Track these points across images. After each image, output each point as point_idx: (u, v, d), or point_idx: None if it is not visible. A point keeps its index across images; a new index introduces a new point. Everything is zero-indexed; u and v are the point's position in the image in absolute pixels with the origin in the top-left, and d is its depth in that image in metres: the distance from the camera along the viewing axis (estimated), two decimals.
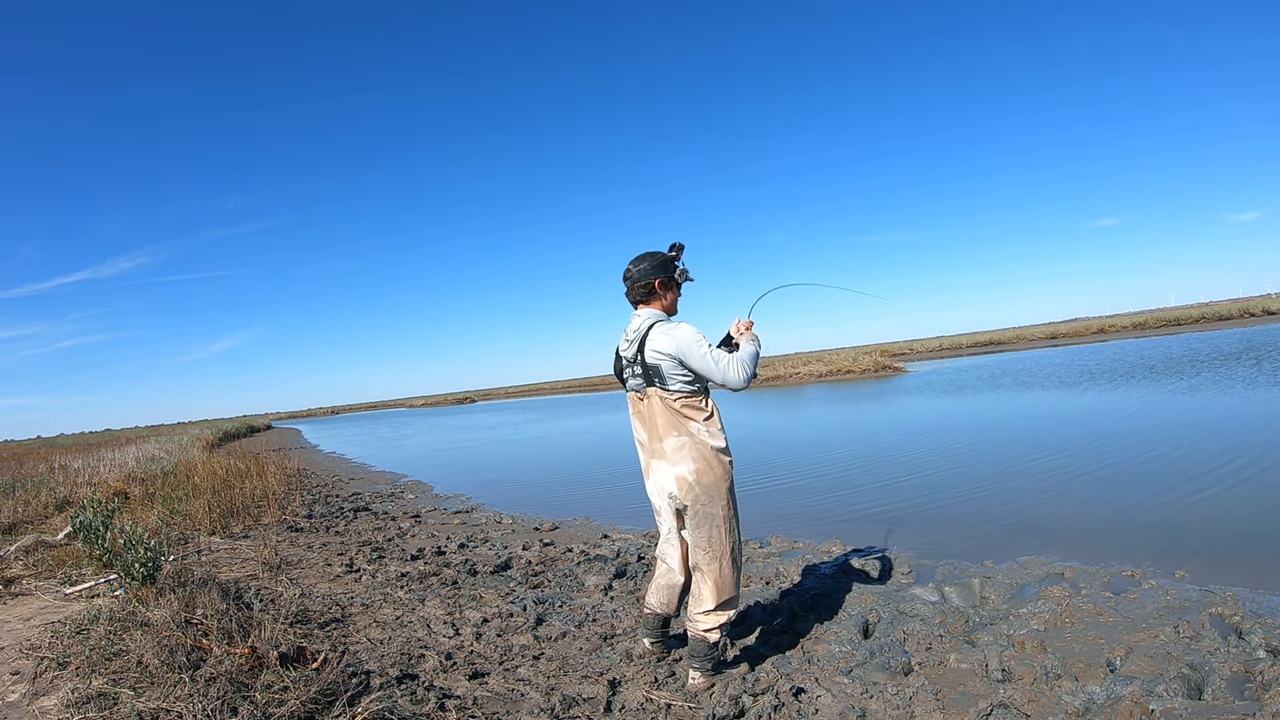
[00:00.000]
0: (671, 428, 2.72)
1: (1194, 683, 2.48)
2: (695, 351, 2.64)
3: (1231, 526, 4.35)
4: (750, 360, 2.73)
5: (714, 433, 2.74)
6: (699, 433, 2.71)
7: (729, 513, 2.75)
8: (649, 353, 2.69)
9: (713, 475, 2.71)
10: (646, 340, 2.71)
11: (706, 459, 2.71)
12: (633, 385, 2.82)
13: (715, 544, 2.72)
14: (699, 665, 2.79)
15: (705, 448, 2.71)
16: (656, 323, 2.74)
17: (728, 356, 2.67)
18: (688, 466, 2.70)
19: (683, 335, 2.66)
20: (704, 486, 2.70)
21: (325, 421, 71.74)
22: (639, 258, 2.83)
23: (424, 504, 8.73)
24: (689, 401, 2.72)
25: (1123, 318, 64.39)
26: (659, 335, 2.68)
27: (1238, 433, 7.31)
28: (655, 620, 3.03)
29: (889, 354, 37.20)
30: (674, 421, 2.72)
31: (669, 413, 2.72)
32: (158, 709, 2.26)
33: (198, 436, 24.18)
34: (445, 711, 2.55)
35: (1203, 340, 25.23)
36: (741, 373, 2.67)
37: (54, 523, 7.12)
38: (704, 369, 2.65)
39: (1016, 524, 4.98)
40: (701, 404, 2.74)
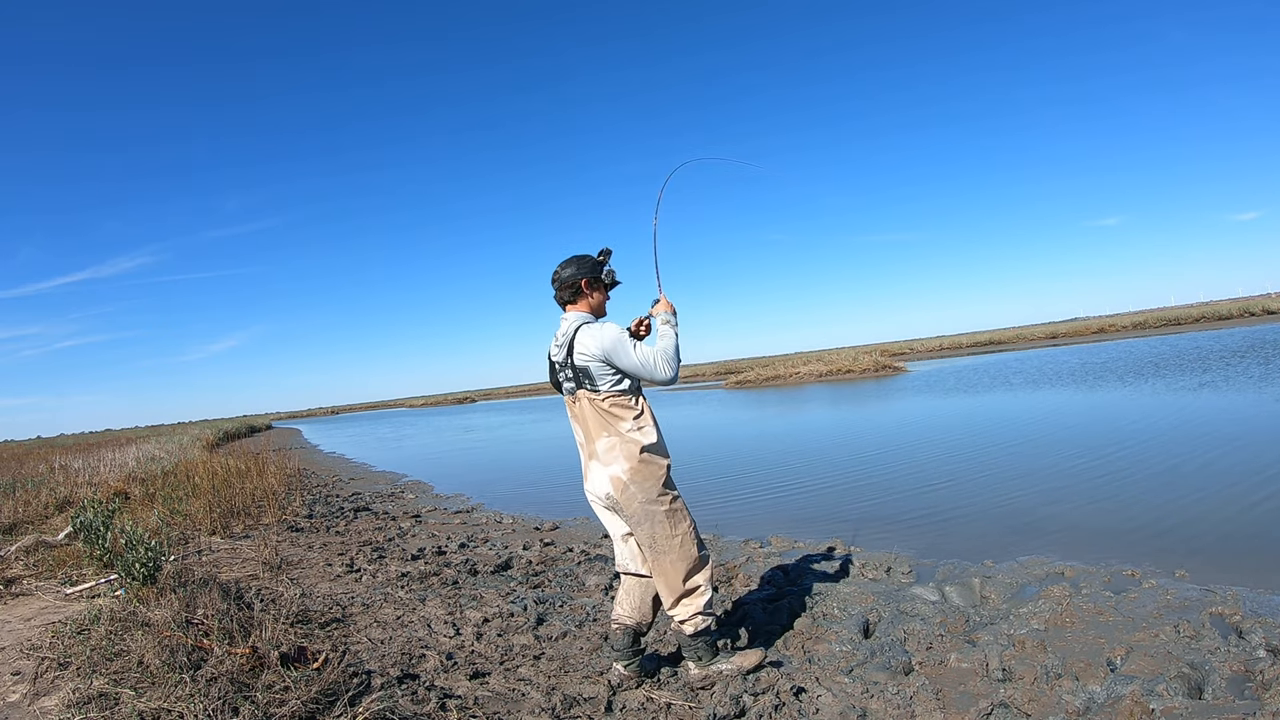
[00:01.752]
0: (602, 428, 2.73)
1: (1194, 682, 2.48)
2: (621, 351, 2.66)
3: (1232, 526, 4.35)
4: (673, 354, 2.75)
5: (645, 430, 2.73)
6: (628, 431, 2.71)
7: (669, 506, 2.74)
8: (577, 355, 2.70)
9: (646, 473, 2.71)
10: (574, 342, 2.71)
11: (638, 457, 2.70)
12: (566, 389, 2.83)
13: (659, 540, 2.72)
14: (689, 655, 2.83)
15: (635, 446, 2.70)
16: (583, 324, 2.74)
17: (651, 353, 2.69)
18: (620, 466, 2.70)
19: (609, 335, 2.67)
20: (638, 485, 2.70)
21: (325, 421, 71.73)
22: (567, 261, 2.85)
23: (424, 504, 8.73)
24: (617, 401, 2.72)
25: (1123, 317, 64.36)
26: (585, 336, 2.69)
27: (1238, 432, 7.31)
28: (625, 636, 2.86)
29: (889, 354, 37.19)
30: (603, 422, 2.72)
31: (598, 414, 2.72)
32: (159, 709, 2.26)
33: (198, 436, 24.19)
34: (446, 711, 2.55)
35: (1203, 340, 25.23)
36: (667, 370, 2.70)
37: (54, 523, 7.12)
38: (631, 368, 2.67)
39: (1017, 523, 4.98)
40: (631, 403, 2.74)
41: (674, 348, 2.77)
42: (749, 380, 32.93)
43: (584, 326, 2.73)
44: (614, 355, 2.65)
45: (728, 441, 12.24)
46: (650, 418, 2.78)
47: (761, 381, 32.39)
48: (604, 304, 2.91)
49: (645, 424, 2.75)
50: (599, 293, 2.87)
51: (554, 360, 2.86)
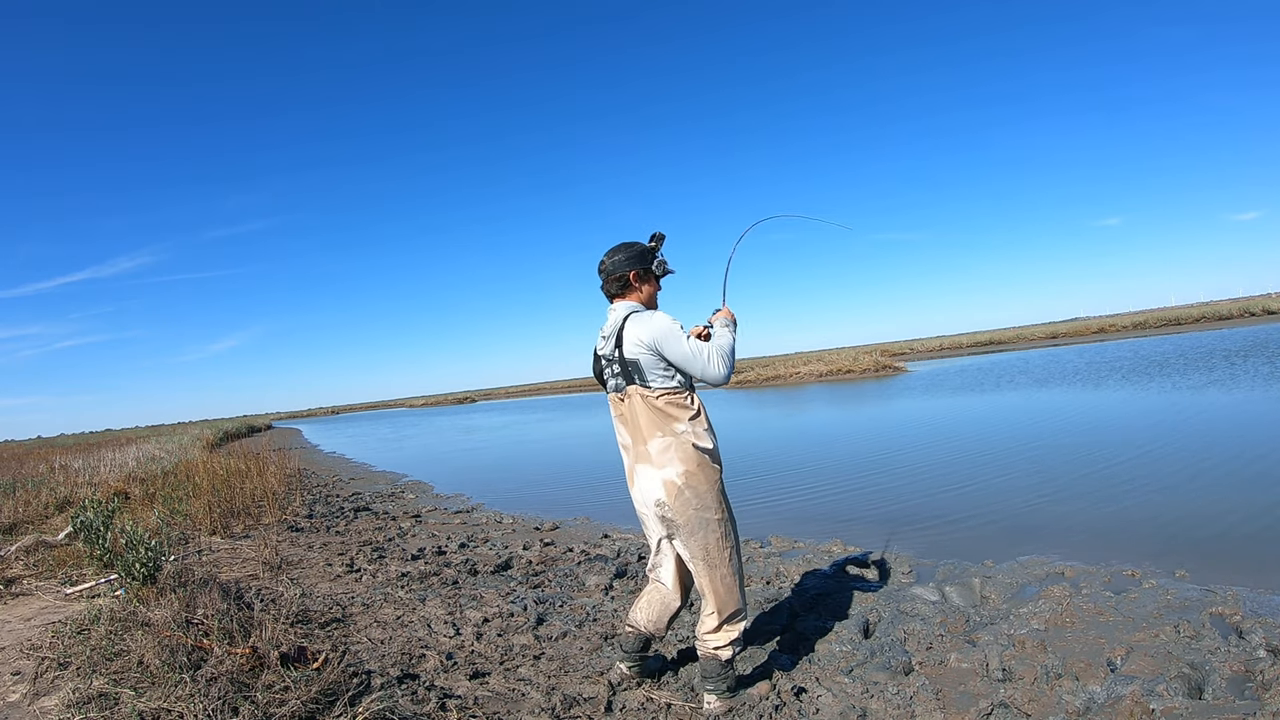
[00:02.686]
0: (655, 428, 2.51)
1: (1194, 682, 2.48)
2: (672, 339, 2.46)
3: (1233, 526, 4.35)
4: (729, 352, 2.55)
5: (700, 434, 2.53)
6: (685, 433, 2.51)
7: (723, 515, 2.55)
8: (627, 345, 2.50)
9: (703, 478, 2.50)
10: (623, 333, 2.51)
11: (696, 461, 2.50)
12: (613, 385, 2.63)
13: (712, 552, 2.51)
14: (714, 687, 2.57)
15: (692, 449, 2.50)
16: (632, 314, 2.54)
17: (707, 347, 2.50)
18: (675, 470, 2.49)
19: (659, 323, 2.48)
20: (694, 490, 2.50)
21: (325, 421, 71.73)
22: (614, 249, 2.64)
23: (424, 504, 8.73)
24: (673, 399, 2.51)
25: (1123, 317, 64.35)
26: (635, 325, 2.50)
27: (1239, 431, 7.31)
28: (636, 641, 2.79)
29: (889, 354, 37.20)
30: (657, 421, 2.51)
31: (652, 411, 2.51)
32: (159, 709, 2.26)
33: (198, 436, 24.19)
34: (446, 711, 2.55)
35: (1204, 340, 25.21)
36: (721, 366, 2.50)
37: (54, 523, 7.12)
38: (683, 359, 2.47)
39: (1017, 523, 4.98)
40: (687, 401, 2.54)
41: (730, 346, 2.58)
42: (749, 380, 32.93)
43: (633, 315, 2.53)
44: (664, 344, 2.46)
45: (728, 442, 12.21)
46: (707, 421, 2.59)
47: (761, 381, 32.38)
48: (655, 296, 2.70)
49: (701, 426, 2.55)
50: (649, 285, 2.66)
51: (601, 355, 2.66)
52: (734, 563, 2.56)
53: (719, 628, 2.55)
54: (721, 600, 2.53)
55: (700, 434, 2.53)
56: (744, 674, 2.86)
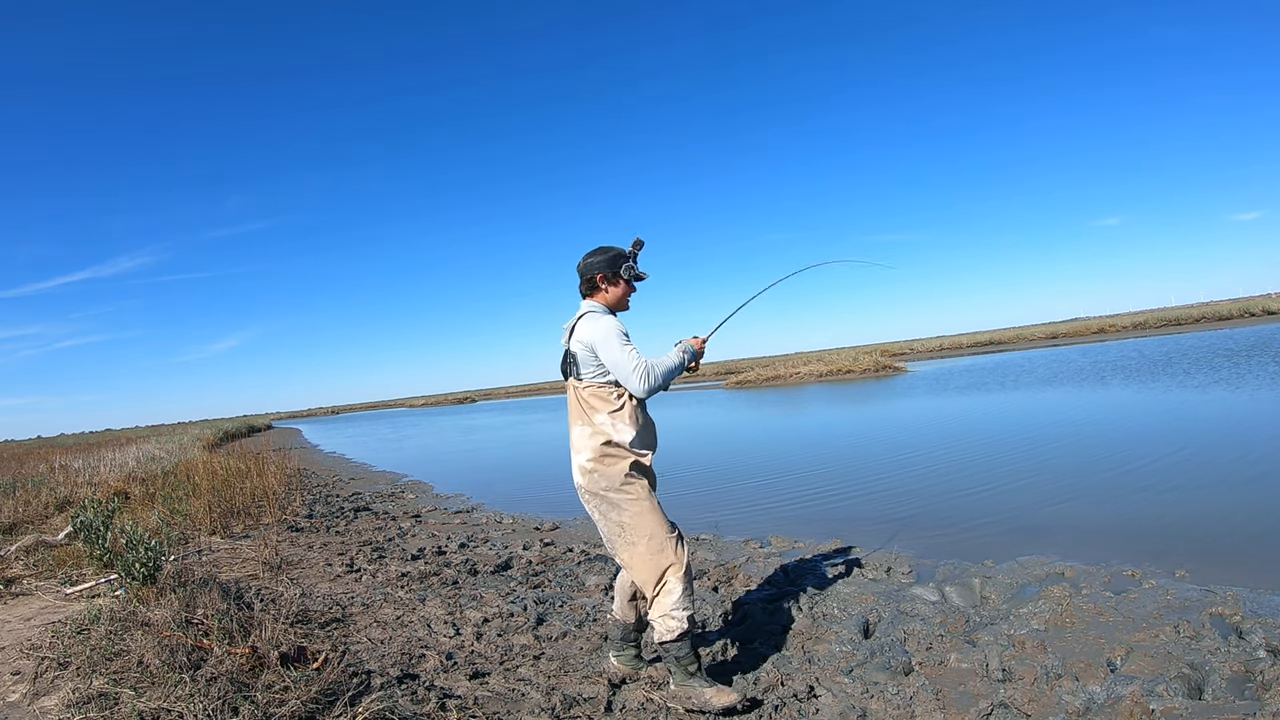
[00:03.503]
0: (578, 417, 2.67)
1: (1194, 682, 2.48)
2: (605, 343, 2.57)
3: (1233, 526, 4.35)
4: (661, 373, 2.61)
5: (619, 426, 2.62)
6: (602, 424, 2.62)
7: (637, 496, 2.60)
8: (573, 341, 2.67)
9: (612, 462, 2.61)
10: (575, 329, 2.68)
11: (604, 449, 2.61)
12: (563, 376, 2.80)
13: (628, 530, 2.61)
14: (666, 665, 2.69)
15: (601, 438, 2.62)
16: (588, 314, 2.69)
17: (640, 360, 2.55)
18: (586, 455, 2.63)
19: (602, 327, 2.60)
20: (602, 472, 2.61)
21: (326, 421, 71.74)
22: (592, 251, 2.77)
23: (424, 504, 8.73)
24: (597, 392, 2.64)
25: (1123, 318, 64.35)
26: (584, 325, 2.65)
27: (1240, 432, 7.31)
28: (617, 629, 2.91)
29: (889, 354, 37.19)
30: (581, 411, 2.66)
31: (579, 401, 2.66)
32: (159, 709, 2.26)
33: (198, 436, 24.19)
34: (446, 711, 2.55)
35: (1206, 340, 25.22)
36: (643, 382, 2.55)
37: (54, 523, 7.12)
38: (611, 364, 2.58)
39: (1017, 524, 4.98)
40: (609, 395, 2.63)
41: (667, 370, 2.63)
42: (749, 380, 32.93)
43: (588, 315, 2.68)
44: (599, 346, 2.58)
45: (728, 442, 12.24)
46: (630, 415, 2.65)
47: (762, 382, 32.39)
48: (625, 298, 2.80)
49: (621, 420, 2.63)
50: (616, 288, 2.76)
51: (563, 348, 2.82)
52: (653, 544, 2.57)
53: (650, 602, 2.63)
54: (642, 575, 2.60)
55: (619, 426, 2.62)
56: (743, 674, 2.86)
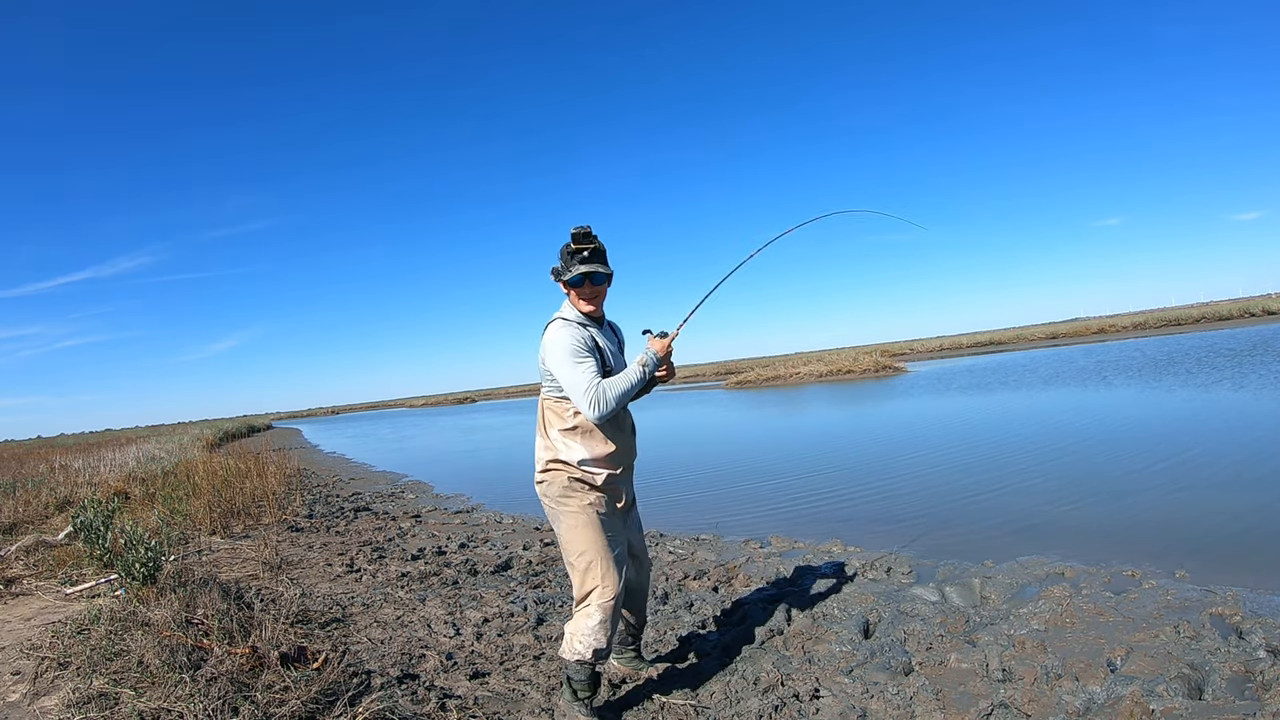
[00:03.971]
0: (539, 429, 2.60)
1: (1194, 683, 2.48)
2: (555, 359, 2.41)
3: (1232, 526, 4.35)
4: (615, 395, 2.38)
5: (569, 444, 2.50)
6: (554, 439, 2.53)
7: (574, 510, 2.50)
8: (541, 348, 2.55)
9: (557, 477, 2.52)
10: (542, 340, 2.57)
11: (551, 464, 2.53)
12: None
13: (563, 543, 2.55)
14: (562, 679, 2.64)
15: (550, 454, 2.53)
16: (554, 320, 2.53)
17: (591, 381, 2.35)
18: (538, 468, 2.58)
19: (555, 339, 2.43)
20: (546, 487, 2.56)
21: (326, 421, 71.73)
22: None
23: (424, 504, 8.73)
24: (553, 406, 2.54)
25: (1123, 318, 64.33)
26: (546, 333, 2.51)
27: (1240, 432, 7.31)
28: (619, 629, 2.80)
29: (889, 354, 37.18)
30: (540, 423, 2.59)
31: (540, 413, 2.59)
32: (159, 709, 2.26)
33: (198, 436, 24.18)
34: (446, 711, 2.55)
35: (1208, 340, 25.21)
36: (593, 407, 2.35)
37: (55, 523, 7.12)
38: (560, 381, 2.42)
39: (1017, 524, 4.98)
40: (564, 412, 2.50)
41: (620, 393, 2.39)
42: (749, 381, 32.92)
43: (553, 323, 2.52)
44: (549, 360, 2.44)
45: (728, 442, 12.23)
46: (584, 433, 2.49)
47: (762, 382, 32.38)
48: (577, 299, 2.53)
49: (574, 439, 2.50)
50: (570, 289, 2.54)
51: None
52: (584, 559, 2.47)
53: (571, 615, 2.57)
54: (575, 590, 2.55)
55: (570, 445, 2.50)
56: (744, 674, 2.86)
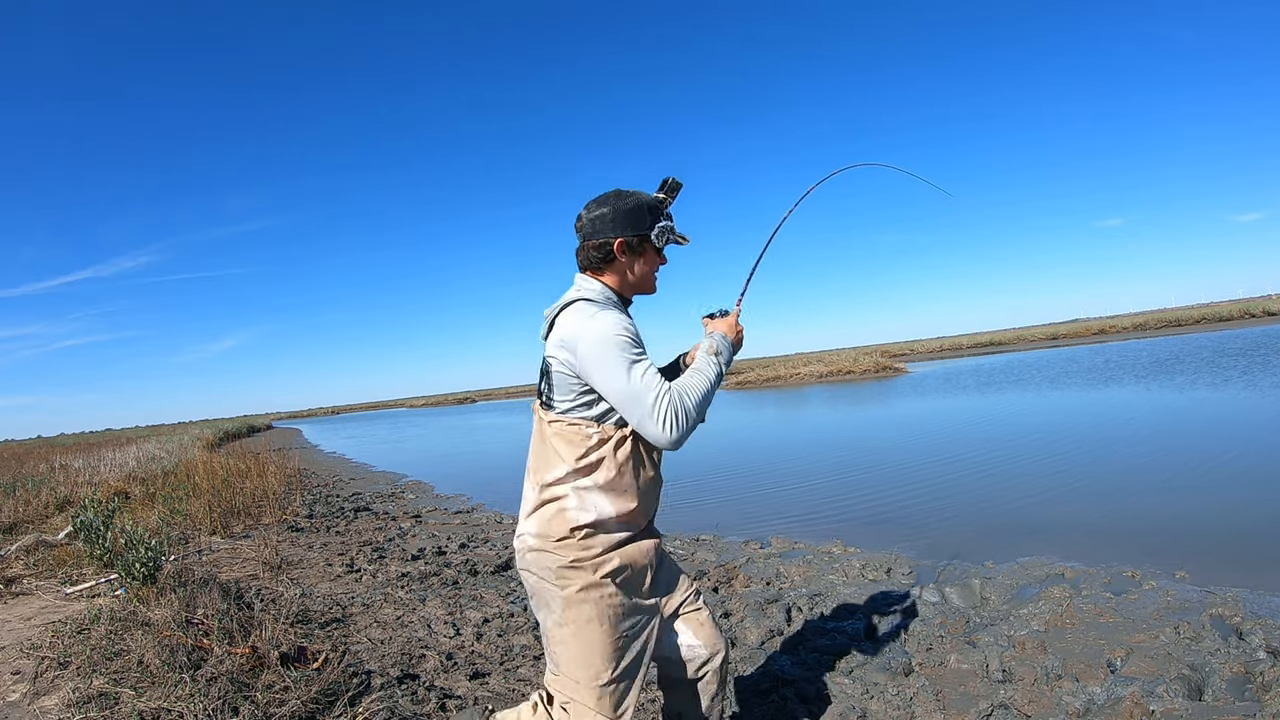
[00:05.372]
0: (535, 462, 1.75)
1: (1194, 683, 2.48)
2: (605, 362, 1.57)
3: (1233, 527, 4.35)
4: (696, 402, 1.61)
5: (584, 494, 1.65)
6: (563, 478, 1.67)
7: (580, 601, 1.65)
8: (551, 341, 1.71)
9: (551, 556, 1.67)
10: (555, 324, 1.72)
11: (559, 528, 1.66)
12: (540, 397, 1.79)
13: (555, 659, 1.70)
14: None
15: (559, 510, 1.67)
16: (580, 300, 1.70)
17: (662, 388, 1.56)
18: (530, 525, 1.73)
19: (598, 330, 1.58)
20: (539, 561, 1.69)
21: (326, 421, 71.73)
22: (599, 199, 1.73)
23: (425, 504, 8.73)
24: (568, 431, 1.67)
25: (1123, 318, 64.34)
26: (570, 319, 1.66)
27: (1240, 432, 7.30)
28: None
29: (889, 354, 37.19)
30: (540, 453, 1.73)
31: (539, 439, 1.74)
32: (159, 709, 2.26)
33: (198, 436, 24.18)
34: (446, 711, 2.55)
35: (1207, 341, 25.20)
36: (671, 427, 1.54)
37: (55, 522, 7.12)
38: (616, 395, 1.58)
39: (1017, 524, 4.98)
40: (587, 433, 1.66)
41: (704, 391, 1.64)
42: (750, 381, 32.92)
43: (579, 304, 1.69)
44: (590, 364, 1.59)
45: (728, 442, 12.23)
46: (612, 475, 1.66)
47: (762, 382, 32.37)
48: (652, 277, 1.78)
49: (593, 485, 1.66)
50: (643, 260, 1.74)
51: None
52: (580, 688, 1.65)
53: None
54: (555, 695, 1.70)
55: (584, 495, 1.66)
56: (744, 674, 2.86)
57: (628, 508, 1.69)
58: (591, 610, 1.65)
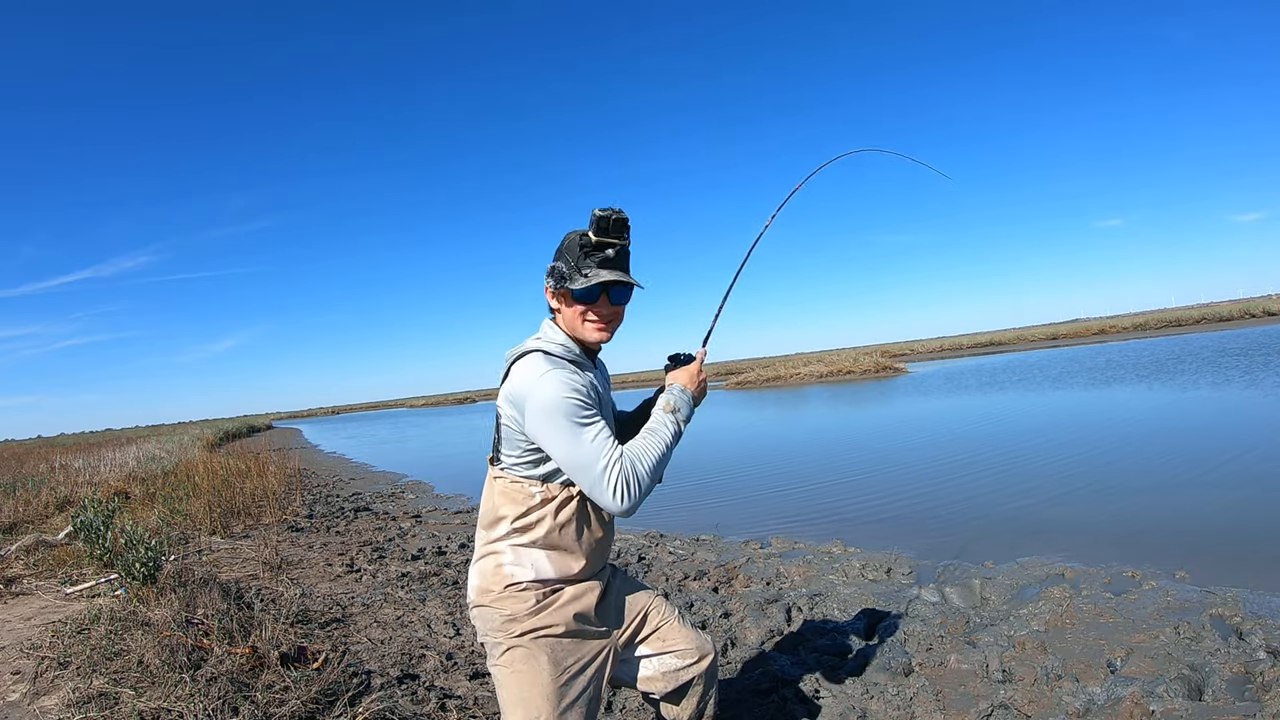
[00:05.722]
0: (482, 512, 1.74)
1: (1194, 683, 2.48)
2: (547, 419, 1.52)
3: (1233, 527, 4.35)
4: (651, 465, 1.55)
5: (521, 552, 1.65)
6: (499, 538, 1.66)
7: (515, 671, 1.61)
8: (501, 394, 1.65)
9: (489, 610, 1.65)
10: (509, 373, 1.65)
11: (489, 581, 1.66)
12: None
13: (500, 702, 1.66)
14: None
15: (493, 561, 1.66)
16: (533, 353, 1.63)
17: (613, 452, 1.51)
18: (474, 576, 1.71)
19: (538, 387, 1.53)
20: (479, 614, 1.68)
21: (326, 422, 71.73)
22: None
23: (425, 504, 8.73)
24: (512, 489, 1.66)
25: (1123, 319, 64.36)
26: (519, 373, 1.60)
27: (1239, 432, 7.30)
28: None
29: (889, 354, 37.18)
30: (486, 504, 1.72)
31: (486, 492, 1.73)
32: (159, 709, 2.26)
33: (198, 436, 24.19)
34: (446, 711, 2.55)
35: (1207, 341, 25.20)
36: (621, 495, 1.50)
37: (55, 522, 7.12)
38: (560, 456, 1.54)
39: (1017, 525, 4.98)
40: (526, 495, 1.64)
41: (657, 460, 1.57)
42: (750, 381, 32.91)
43: (532, 356, 1.62)
44: (536, 427, 1.55)
45: (728, 442, 12.23)
46: (549, 532, 1.64)
47: (762, 382, 32.36)
48: (582, 325, 1.68)
49: (527, 538, 1.65)
50: (568, 306, 1.67)
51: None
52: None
53: None
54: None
55: (521, 552, 1.65)
56: (744, 674, 2.86)
57: (570, 566, 1.67)
58: (527, 653, 1.62)
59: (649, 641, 1.85)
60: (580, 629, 1.68)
